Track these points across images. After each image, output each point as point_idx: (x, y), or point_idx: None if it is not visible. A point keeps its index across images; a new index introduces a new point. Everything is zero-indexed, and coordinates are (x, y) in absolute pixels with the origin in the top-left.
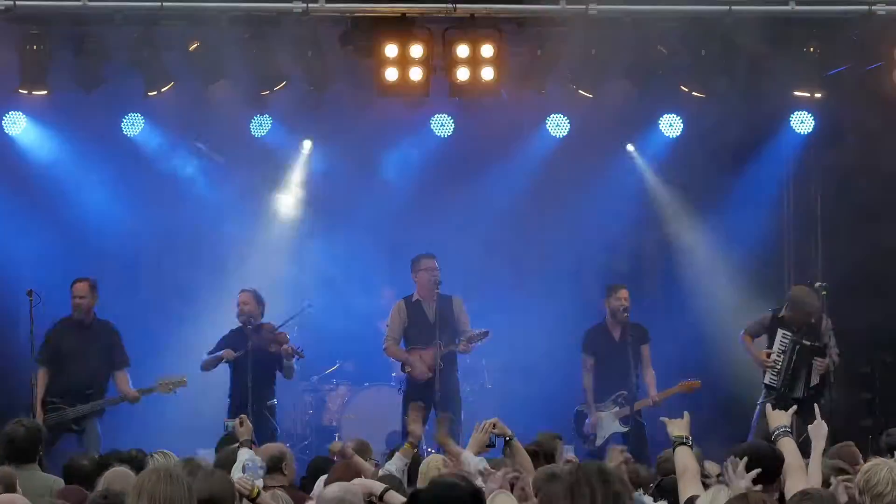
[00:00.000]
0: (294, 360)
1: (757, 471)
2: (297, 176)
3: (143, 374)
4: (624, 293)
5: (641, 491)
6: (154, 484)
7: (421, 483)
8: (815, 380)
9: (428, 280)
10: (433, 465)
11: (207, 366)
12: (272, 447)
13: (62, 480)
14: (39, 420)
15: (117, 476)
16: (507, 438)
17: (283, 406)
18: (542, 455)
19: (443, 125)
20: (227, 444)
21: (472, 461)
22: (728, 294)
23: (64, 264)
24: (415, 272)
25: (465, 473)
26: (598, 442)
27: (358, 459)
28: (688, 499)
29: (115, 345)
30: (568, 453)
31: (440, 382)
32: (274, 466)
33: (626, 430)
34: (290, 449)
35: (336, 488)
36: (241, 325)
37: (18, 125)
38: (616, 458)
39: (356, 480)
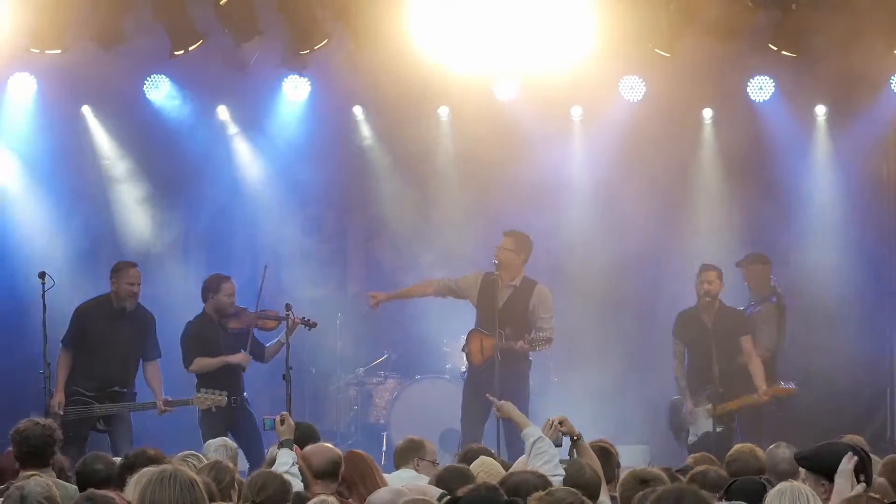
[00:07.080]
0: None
1: None
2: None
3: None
4: (709, 275)
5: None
6: (152, 488)
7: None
8: None
9: (494, 258)
10: (482, 467)
11: (208, 369)
12: (332, 450)
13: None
14: (59, 407)
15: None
16: (575, 438)
17: (324, 402)
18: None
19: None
20: None
21: (533, 434)
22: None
23: (75, 245)
24: None
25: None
26: (691, 439)
27: None
28: None
29: (149, 334)
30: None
31: (499, 377)
32: (334, 471)
33: (719, 430)
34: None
35: (386, 494)
36: (217, 314)
37: (28, 89)
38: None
39: (408, 485)
